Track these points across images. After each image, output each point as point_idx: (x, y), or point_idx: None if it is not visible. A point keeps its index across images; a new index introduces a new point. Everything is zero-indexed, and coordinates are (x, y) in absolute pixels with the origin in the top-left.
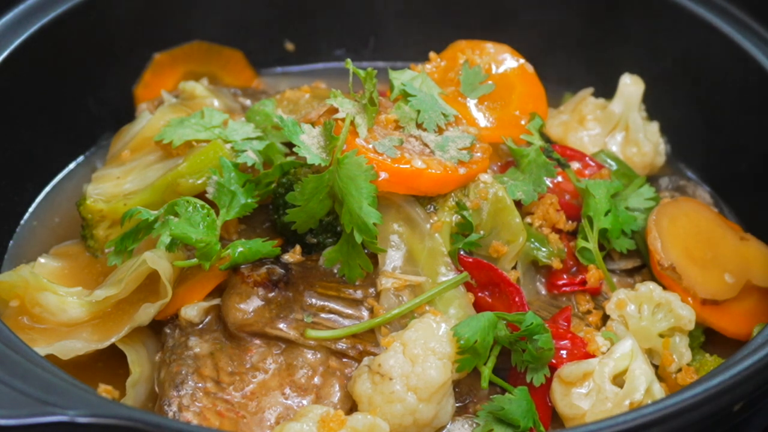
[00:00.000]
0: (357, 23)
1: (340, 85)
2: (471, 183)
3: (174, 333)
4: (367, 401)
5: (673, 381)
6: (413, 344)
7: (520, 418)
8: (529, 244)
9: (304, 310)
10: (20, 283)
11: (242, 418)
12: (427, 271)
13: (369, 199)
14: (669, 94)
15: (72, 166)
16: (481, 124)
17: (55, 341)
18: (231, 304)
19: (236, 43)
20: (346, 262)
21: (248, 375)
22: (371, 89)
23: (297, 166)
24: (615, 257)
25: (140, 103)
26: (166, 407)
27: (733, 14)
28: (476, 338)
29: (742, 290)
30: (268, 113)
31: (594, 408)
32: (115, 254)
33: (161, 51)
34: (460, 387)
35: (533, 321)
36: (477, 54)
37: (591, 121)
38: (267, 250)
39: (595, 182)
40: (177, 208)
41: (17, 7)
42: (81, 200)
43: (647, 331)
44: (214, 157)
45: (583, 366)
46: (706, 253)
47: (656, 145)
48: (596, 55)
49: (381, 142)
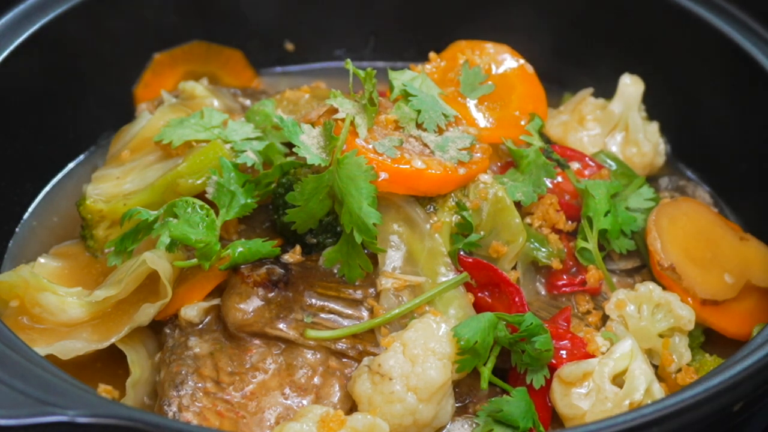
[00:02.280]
0: (357, 23)
1: (340, 85)
2: (471, 183)
3: (174, 333)
4: (367, 401)
5: (672, 381)
6: (413, 344)
7: (519, 419)
8: (529, 244)
9: (303, 310)
10: (20, 283)
11: (242, 418)
12: (427, 272)
13: (369, 200)
14: (669, 94)
15: (71, 165)
16: (481, 124)
17: (55, 341)
18: (231, 304)
19: (236, 43)
20: (346, 262)
21: (248, 375)
22: (371, 89)
23: (297, 167)
24: (615, 257)
25: (140, 103)
26: (166, 407)
27: (733, 14)
28: (476, 339)
29: (741, 290)
30: (268, 113)
31: (594, 408)
32: (115, 254)
33: (161, 51)
34: (459, 387)
35: (532, 321)
36: (477, 54)
37: (591, 122)
38: (267, 250)
39: (595, 183)
40: (176, 209)
41: (17, 7)
42: (81, 200)
43: (647, 332)
44: (214, 157)
45: (583, 366)
46: (705, 253)
47: (656, 145)
48: (596, 55)
49: (381, 142)
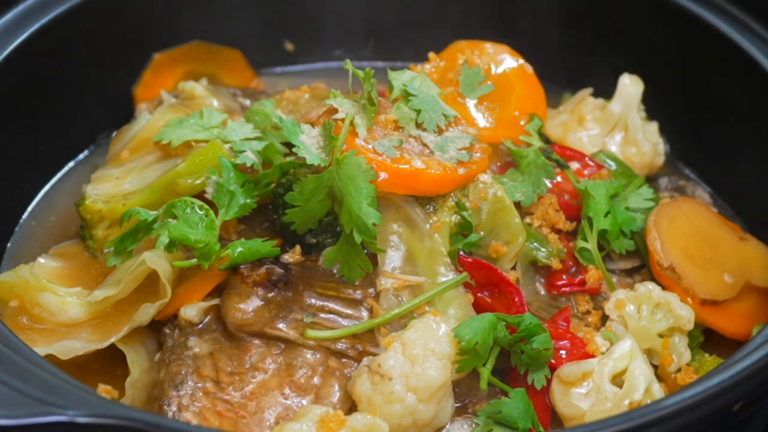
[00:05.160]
0: (357, 23)
1: (340, 85)
2: (470, 183)
3: (173, 333)
4: (367, 401)
5: (672, 381)
6: (413, 344)
7: (519, 420)
8: (529, 244)
9: (303, 310)
10: (20, 284)
11: (242, 418)
12: (427, 272)
13: (368, 200)
14: (668, 94)
15: (71, 165)
16: (481, 124)
17: (54, 341)
18: (230, 304)
19: (236, 43)
20: (345, 263)
21: (248, 375)
22: (369, 89)
23: (296, 167)
24: (614, 257)
25: (140, 103)
26: (166, 407)
27: (733, 14)
28: (477, 340)
29: (741, 290)
30: (268, 113)
31: (593, 408)
32: (115, 255)
33: (161, 51)
34: (459, 387)
35: (531, 321)
36: (476, 54)
37: (590, 122)
38: (266, 250)
39: (595, 183)
40: (174, 209)
41: (17, 7)
42: (80, 200)
43: (646, 331)
44: (213, 157)
45: (583, 366)
46: (705, 253)
47: (655, 145)
48: (595, 55)
49: (380, 142)
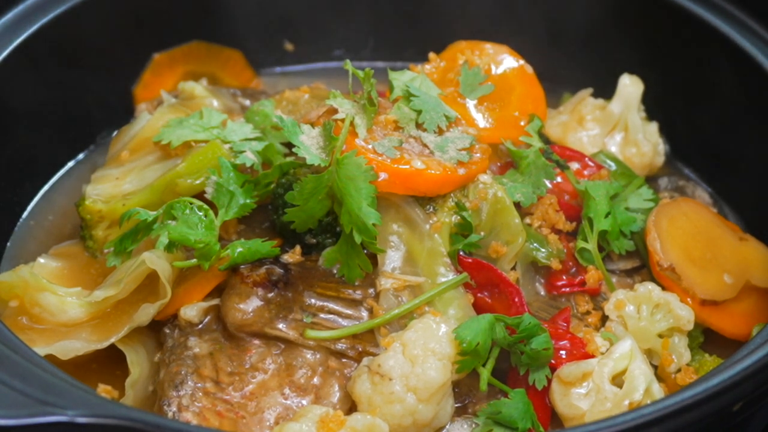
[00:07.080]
0: (356, 23)
1: (340, 85)
2: (470, 183)
3: (173, 333)
4: (367, 401)
5: (672, 381)
6: (413, 345)
7: (518, 421)
8: (529, 244)
9: (303, 311)
10: (20, 284)
11: (242, 419)
12: (427, 272)
13: (368, 200)
14: (668, 94)
15: (71, 164)
16: (481, 124)
17: (54, 341)
18: (230, 304)
19: (236, 43)
20: (345, 263)
21: (248, 375)
22: (369, 89)
23: (296, 167)
24: (614, 258)
25: (139, 103)
26: (166, 407)
27: (733, 14)
28: (478, 340)
29: (741, 290)
30: (267, 113)
31: (593, 408)
32: (114, 255)
33: (161, 51)
34: (459, 387)
35: (530, 322)
36: (476, 55)
37: (590, 122)
38: (266, 251)
39: (595, 184)
40: (174, 210)
41: (17, 7)
42: (80, 201)
43: (646, 332)
44: (213, 157)
45: (583, 366)
46: (705, 253)
47: (655, 145)
48: (596, 55)
49: (380, 142)
